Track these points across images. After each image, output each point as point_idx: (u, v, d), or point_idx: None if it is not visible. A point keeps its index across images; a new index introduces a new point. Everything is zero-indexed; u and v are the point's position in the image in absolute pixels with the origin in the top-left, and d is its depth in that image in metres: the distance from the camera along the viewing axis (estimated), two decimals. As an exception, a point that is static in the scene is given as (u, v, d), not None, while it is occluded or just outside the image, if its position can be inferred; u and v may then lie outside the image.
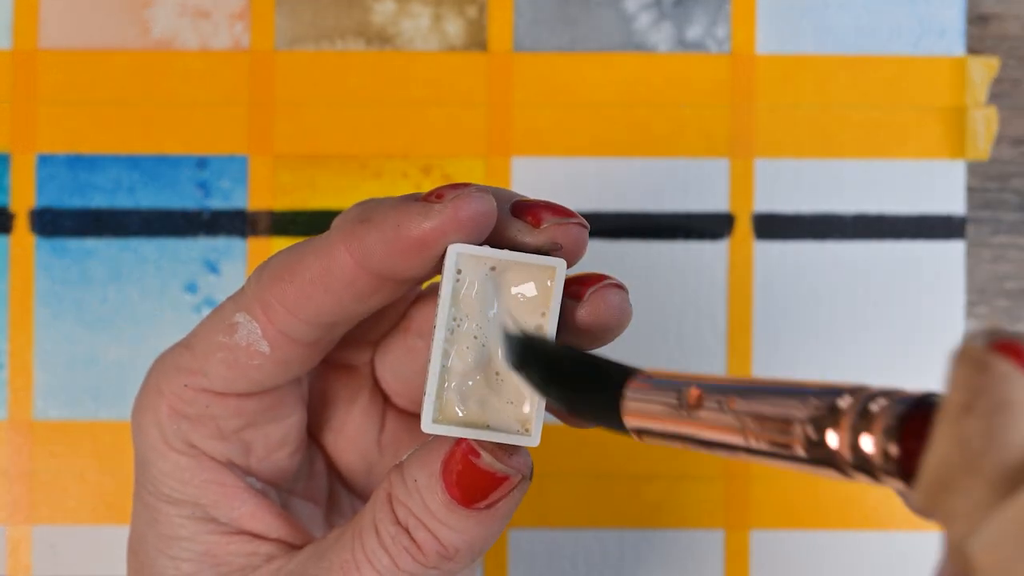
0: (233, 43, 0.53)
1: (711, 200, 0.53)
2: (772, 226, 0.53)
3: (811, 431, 0.26)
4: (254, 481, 0.38)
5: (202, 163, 0.53)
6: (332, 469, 0.41)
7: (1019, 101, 0.53)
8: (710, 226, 0.53)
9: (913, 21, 0.53)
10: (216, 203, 0.52)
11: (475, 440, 0.33)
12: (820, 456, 0.26)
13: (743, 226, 0.53)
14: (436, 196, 0.33)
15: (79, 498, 0.52)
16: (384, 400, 0.40)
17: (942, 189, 0.53)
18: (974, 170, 0.53)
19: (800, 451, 0.26)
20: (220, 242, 0.52)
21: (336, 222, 0.35)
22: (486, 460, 0.33)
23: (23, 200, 0.52)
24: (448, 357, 0.33)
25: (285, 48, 0.53)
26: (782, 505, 0.52)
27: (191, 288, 0.52)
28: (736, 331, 0.52)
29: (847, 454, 0.25)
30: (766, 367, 0.52)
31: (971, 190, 0.53)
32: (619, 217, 0.53)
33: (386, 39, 0.53)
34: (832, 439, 0.26)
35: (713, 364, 0.52)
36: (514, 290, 0.34)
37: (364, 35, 0.53)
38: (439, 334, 0.33)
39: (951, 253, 0.53)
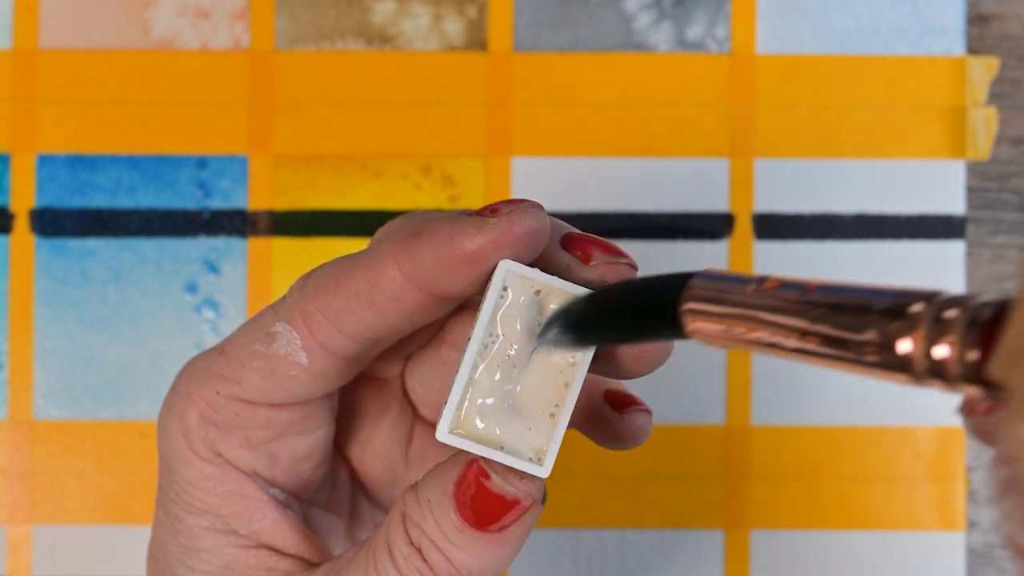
0: (233, 43, 0.53)
1: (711, 200, 0.53)
2: (772, 226, 0.53)
3: (884, 335, 0.25)
4: (278, 493, 0.37)
5: (202, 163, 0.53)
6: (356, 482, 0.40)
7: (1019, 101, 0.53)
8: (710, 226, 0.53)
9: (913, 21, 0.53)
10: (216, 203, 0.52)
11: (485, 461, 0.33)
12: (892, 361, 0.25)
13: (743, 226, 0.53)
14: (491, 211, 0.33)
15: (79, 498, 0.52)
16: (412, 414, 0.40)
17: (942, 189, 0.53)
18: (974, 170, 0.53)
19: (871, 355, 0.26)
20: (220, 242, 0.52)
21: (381, 235, 0.35)
22: (496, 482, 0.33)
23: (23, 200, 0.52)
24: (477, 371, 0.33)
25: (285, 48, 0.53)
26: (782, 505, 0.52)
27: (191, 288, 0.52)
28: (736, 331, 0.52)
29: (922, 360, 0.25)
30: (766, 366, 0.52)
31: (971, 190, 0.53)
32: (619, 217, 0.53)
33: (386, 39, 0.53)
34: (905, 345, 0.25)
35: (713, 364, 0.52)
36: None
37: (364, 35, 0.53)
38: (473, 346, 0.33)
39: (951, 253, 0.53)
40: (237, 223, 0.52)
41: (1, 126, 0.52)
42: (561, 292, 0.33)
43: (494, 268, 0.33)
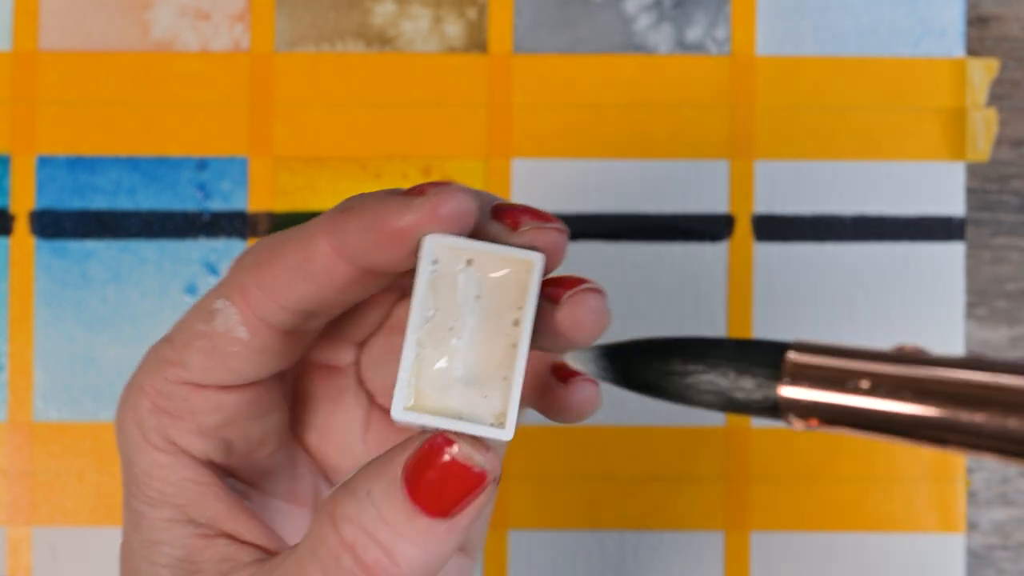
0: (233, 44, 0.53)
1: (711, 201, 0.53)
2: (772, 227, 0.53)
3: None
4: (235, 483, 0.38)
5: (202, 165, 0.53)
6: (319, 472, 0.41)
7: (1019, 102, 0.53)
8: (710, 227, 0.53)
9: (913, 22, 0.53)
10: (216, 205, 0.53)
11: (449, 433, 0.33)
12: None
13: (743, 227, 0.53)
14: (418, 191, 0.33)
15: (79, 499, 0.52)
16: (368, 401, 0.40)
17: (942, 190, 0.53)
18: (974, 171, 0.53)
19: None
20: (220, 244, 0.52)
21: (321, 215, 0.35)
22: (464, 450, 0.33)
23: (23, 202, 0.52)
24: (422, 347, 0.33)
25: (285, 50, 0.53)
26: (782, 506, 0.52)
27: (191, 290, 0.52)
28: (736, 332, 0.52)
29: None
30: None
31: (971, 191, 0.53)
32: (619, 218, 0.53)
33: (386, 41, 0.53)
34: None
35: (713, 365, 0.52)
36: (492, 276, 0.34)
37: (364, 37, 0.53)
38: (412, 322, 0.33)
39: (951, 255, 0.53)
40: (237, 225, 0.52)
41: (1, 127, 0.52)
42: (492, 257, 0.33)
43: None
